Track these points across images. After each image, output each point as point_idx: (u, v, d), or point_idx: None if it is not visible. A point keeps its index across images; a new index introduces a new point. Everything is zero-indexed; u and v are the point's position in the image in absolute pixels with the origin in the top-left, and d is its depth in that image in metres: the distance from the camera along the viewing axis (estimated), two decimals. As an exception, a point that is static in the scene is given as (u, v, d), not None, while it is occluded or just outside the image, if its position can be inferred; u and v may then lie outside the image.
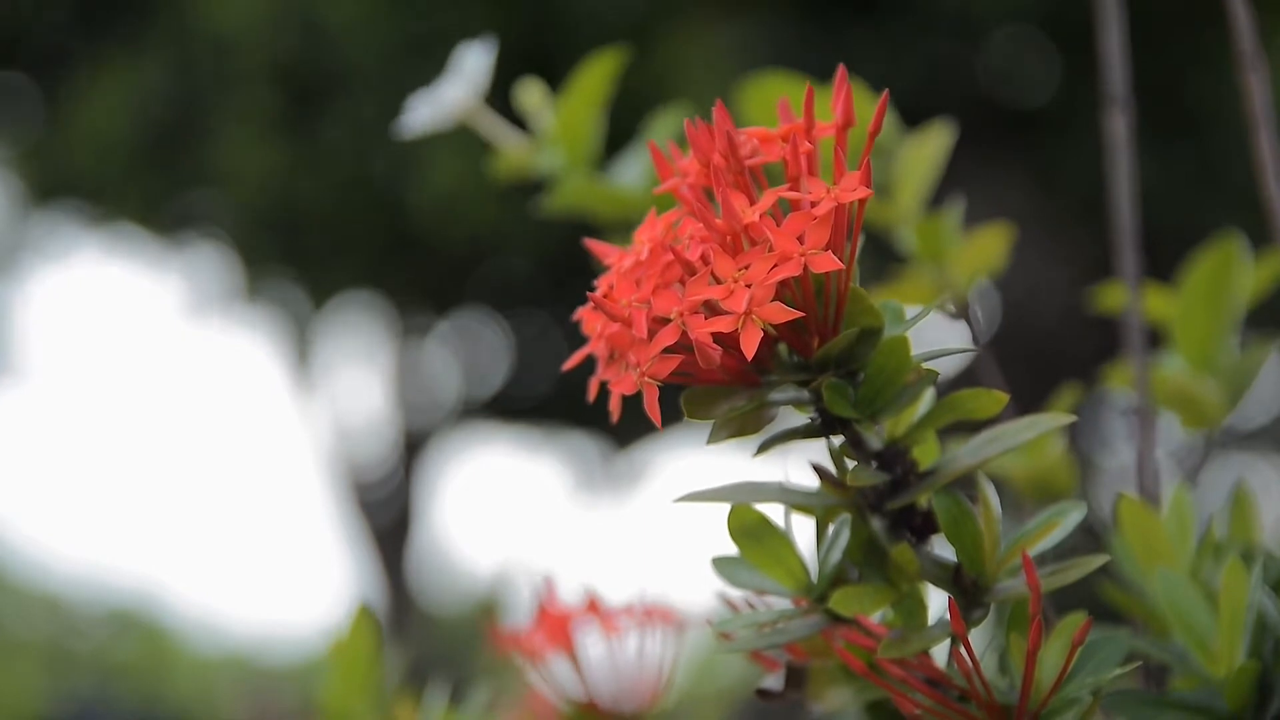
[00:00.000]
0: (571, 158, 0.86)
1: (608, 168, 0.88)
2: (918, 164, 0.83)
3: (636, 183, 0.85)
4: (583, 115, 0.86)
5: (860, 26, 3.60)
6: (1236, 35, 0.77)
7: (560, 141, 0.86)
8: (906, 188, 0.84)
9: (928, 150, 0.84)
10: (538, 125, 0.88)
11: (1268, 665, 0.60)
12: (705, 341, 0.50)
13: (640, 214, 0.83)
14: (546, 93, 0.88)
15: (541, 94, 0.88)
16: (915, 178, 0.84)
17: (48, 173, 4.47)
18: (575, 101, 0.86)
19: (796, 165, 0.53)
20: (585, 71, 0.85)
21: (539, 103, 0.87)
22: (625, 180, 0.86)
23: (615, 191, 0.85)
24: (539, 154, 0.87)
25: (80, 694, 6.09)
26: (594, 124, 0.86)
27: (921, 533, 0.58)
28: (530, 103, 0.87)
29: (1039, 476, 0.84)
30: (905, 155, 0.84)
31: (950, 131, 0.84)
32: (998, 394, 0.55)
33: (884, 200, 0.84)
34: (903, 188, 0.84)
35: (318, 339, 5.31)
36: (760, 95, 0.82)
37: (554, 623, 0.79)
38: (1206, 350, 0.81)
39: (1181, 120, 3.57)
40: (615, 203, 0.85)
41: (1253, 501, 0.73)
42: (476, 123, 0.87)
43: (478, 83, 0.86)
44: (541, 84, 0.88)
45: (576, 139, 0.86)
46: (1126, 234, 0.81)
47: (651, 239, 0.53)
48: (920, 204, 0.85)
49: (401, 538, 5.58)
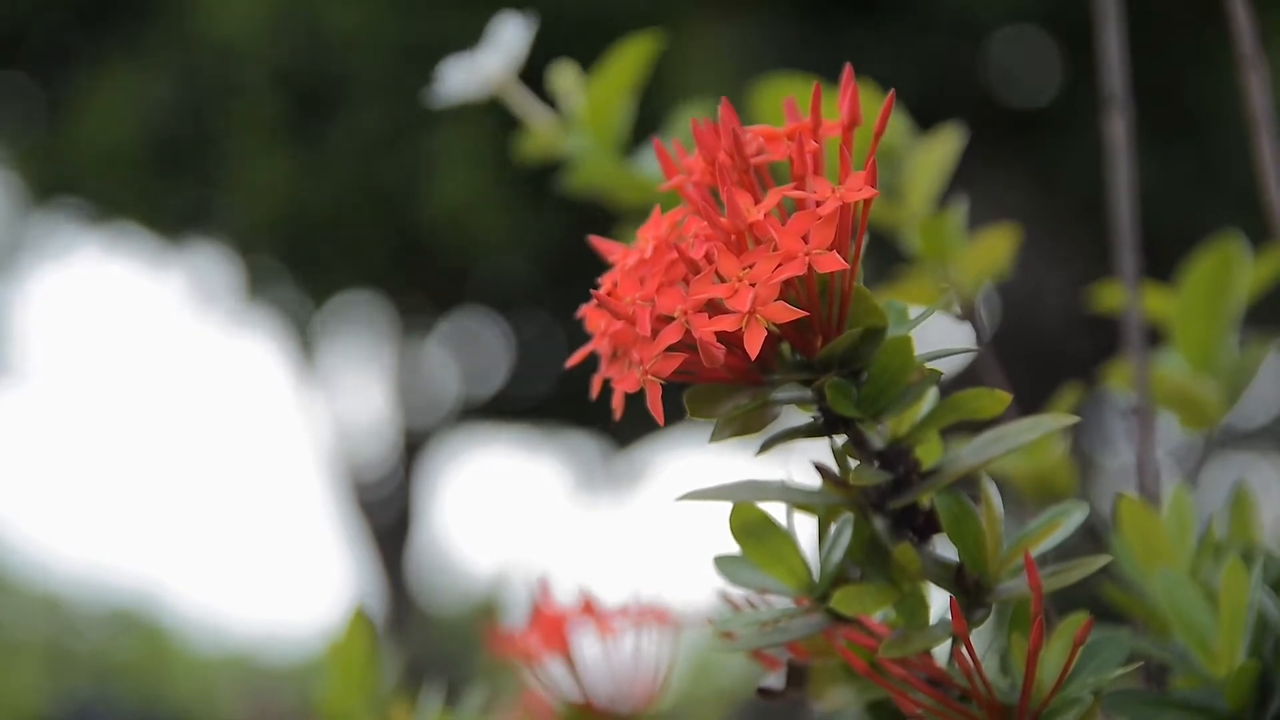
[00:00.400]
0: (599, 140, 0.86)
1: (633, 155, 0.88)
2: (927, 167, 0.84)
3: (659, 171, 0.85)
4: (612, 99, 0.86)
5: (861, 26, 3.60)
6: (1237, 37, 0.77)
7: (589, 124, 0.86)
8: (916, 190, 0.84)
9: (937, 154, 0.84)
10: (567, 106, 0.87)
11: (1268, 665, 0.60)
12: (709, 340, 0.50)
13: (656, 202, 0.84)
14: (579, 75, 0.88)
15: (574, 76, 0.87)
16: (925, 181, 0.84)
17: (49, 173, 4.47)
18: (605, 85, 0.85)
19: (802, 164, 0.53)
20: (617, 55, 0.85)
21: (571, 84, 0.87)
22: (651, 168, 0.86)
23: (638, 177, 0.85)
24: (567, 135, 0.87)
25: (80, 694, 6.08)
26: (623, 108, 0.86)
27: (924, 532, 0.58)
28: (562, 84, 0.87)
29: (1040, 477, 0.84)
30: (915, 158, 0.84)
31: (960, 135, 0.84)
32: (1001, 394, 0.55)
33: (893, 202, 0.84)
34: (912, 190, 0.84)
35: (319, 339, 5.31)
36: (771, 96, 0.82)
37: (549, 623, 0.79)
38: (1206, 350, 0.81)
39: (1182, 120, 3.57)
40: (637, 189, 0.85)
41: (1253, 501, 0.73)
42: (508, 97, 0.86)
43: (514, 55, 0.85)
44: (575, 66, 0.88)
45: (605, 122, 0.86)
46: (1125, 235, 0.81)
47: (656, 237, 0.53)
48: (929, 206, 0.85)
49: (401, 538, 5.58)
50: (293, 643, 7.23)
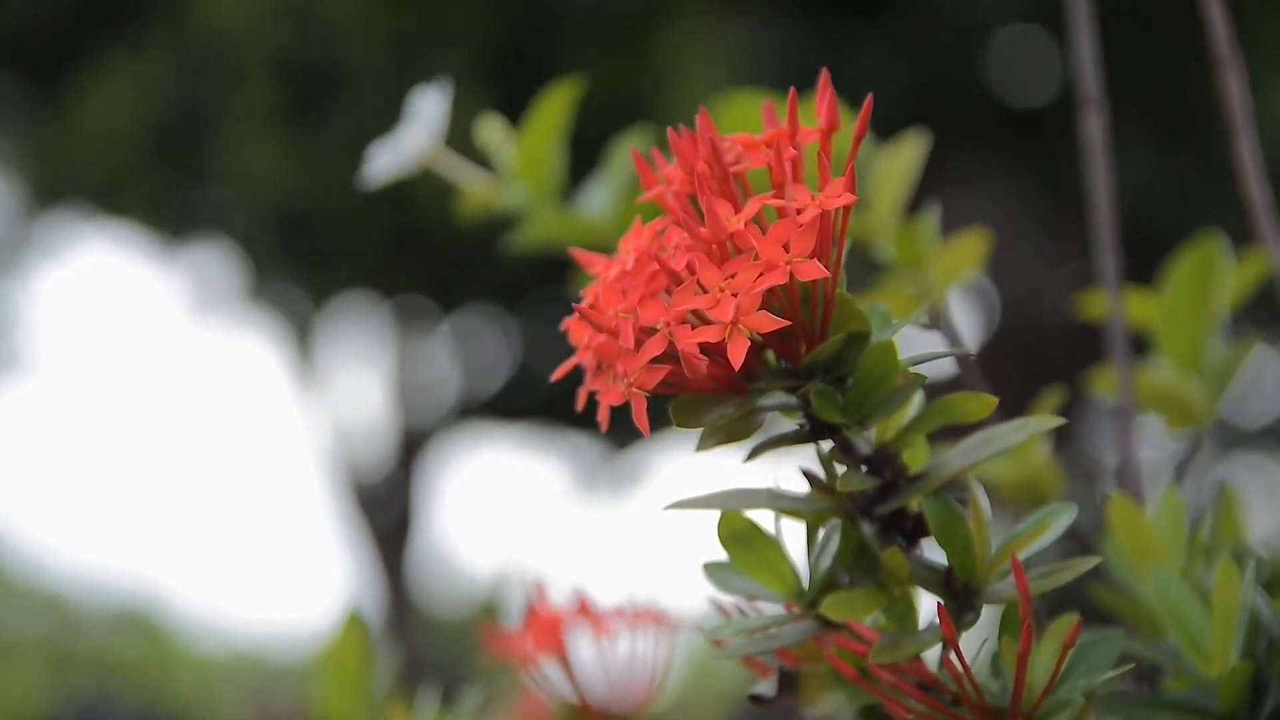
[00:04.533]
0: (535, 191, 0.85)
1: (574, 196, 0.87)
2: (893, 175, 0.83)
3: (603, 211, 0.85)
4: (544, 147, 0.85)
5: (861, 26, 3.59)
6: (1213, 38, 0.77)
7: (523, 176, 0.85)
8: (882, 199, 0.84)
9: (902, 161, 0.83)
10: (500, 161, 0.87)
11: (1261, 665, 0.60)
12: (692, 352, 0.50)
13: (607, 241, 0.83)
14: (507, 128, 0.87)
15: (502, 129, 0.87)
16: (891, 188, 0.83)
17: (51, 170, 4.47)
18: (535, 134, 0.85)
19: (781, 172, 0.53)
20: (544, 103, 0.85)
21: (499, 138, 0.86)
22: (591, 209, 0.85)
23: (582, 221, 0.85)
24: (503, 190, 0.86)
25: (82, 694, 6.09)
26: (556, 156, 0.86)
27: (912, 536, 0.58)
28: (490, 139, 0.86)
29: (1025, 480, 0.84)
30: (880, 167, 0.83)
31: (923, 140, 0.84)
32: (987, 398, 0.55)
33: (860, 212, 0.84)
34: (879, 199, 0.84)
35: (319, 339, 5.31)
36: (732, 112, 0.81)
37: (546, 624, 0.80)
38: (1191, 350, 0.81)
39: (1183, 120, 3.57)
40: (582, 232, 0.84)
41: (1239, 502, 0.73)
42: (438, 165, 0.86)
43: (436, 126, 0.85)
44: (501, 120, 0.87)
45: (539, 172, 0.85)
46: (1105, 235, 0.81)
47: (637, 248, 0.53)
48: (897, 214, 0.84)
49: (401, 538, 5.58)
50: (295, 642, 7.23)
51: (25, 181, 4.70)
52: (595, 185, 0.87)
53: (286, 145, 3.91)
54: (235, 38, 3.86)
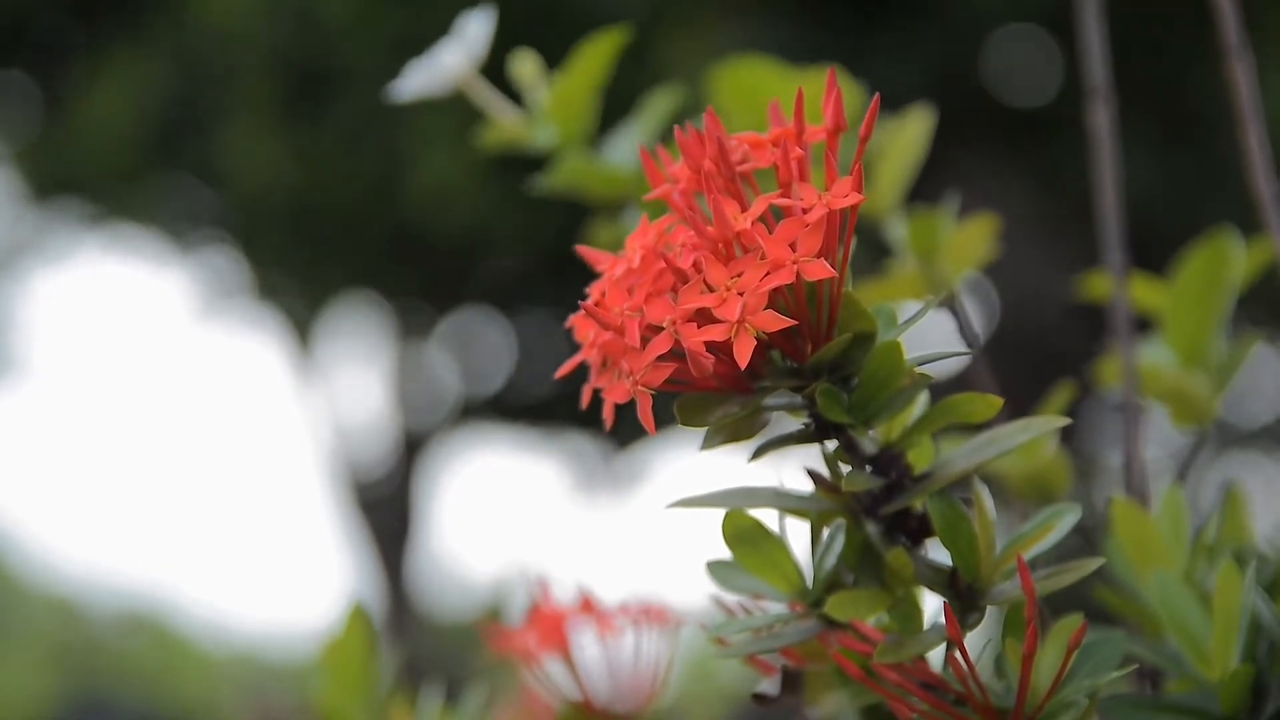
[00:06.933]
0: (566, 134, 0.84)
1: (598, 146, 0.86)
2: (896, 149, 0.82)
3: (628, 161, 0.84)
4: (580, 93, 0.84)
5: (863, 26, 3.59)
6: (1221, 27, 0.76)
7: (555, 117, 0.84)
8: (885, 173, 0.83)
9: (907, 135, 0.82)
10: (531, 99, 0.86)
11: (1262, 668, 0.60)
12: (698, 350, 0.50)
13: (631, 193, 0.83)
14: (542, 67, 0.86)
15: (537, 67, 0.86)
16: (894, 163, 0.82)
17: (49, 169, 4.47)
18: (573, 78, 0.84)
19: (788, 171, 0.53)
20: (586, 50, 0.84)
21: (534, 76, 0.85)
22: (617, 158, 0.84)
23: (608, 170, 0.84)
24: (532, 128, 0.85)
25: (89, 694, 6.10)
26: (590, 103, 0.85)
27: (916, 537, 0.58)
28: (524, 75, 0.86)
29: (1034, 477, 0.84)
30: (882, 140, 0.82)
31: (930, 115, 0.83)
32: (992, 398, 0.55)
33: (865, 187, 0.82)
34: (881, 173, 0.83)
35: (318, 339, 5.31)
36: (733, 81, 0.81)
37: (548, 623, 0.79)
38: (1197, 344, 0.80)
39: (1188, 117, 3.56)
40: (608, 182, 0.84)
41: (1244, 502, 0.73)
42: (471, 91, 0.85)
43: (476, 51, 0.84)
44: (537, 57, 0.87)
45: (572, 116, 0.84)
46: (1112, 227, 0.81)
47: (644, 246, 0.53)
48: (901, 191, 0.83)
49: (401, 537, 5.58)
50: (299, 640, 7.24)
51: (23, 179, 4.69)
52: (622, 135, 0.86)
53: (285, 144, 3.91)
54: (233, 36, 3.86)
